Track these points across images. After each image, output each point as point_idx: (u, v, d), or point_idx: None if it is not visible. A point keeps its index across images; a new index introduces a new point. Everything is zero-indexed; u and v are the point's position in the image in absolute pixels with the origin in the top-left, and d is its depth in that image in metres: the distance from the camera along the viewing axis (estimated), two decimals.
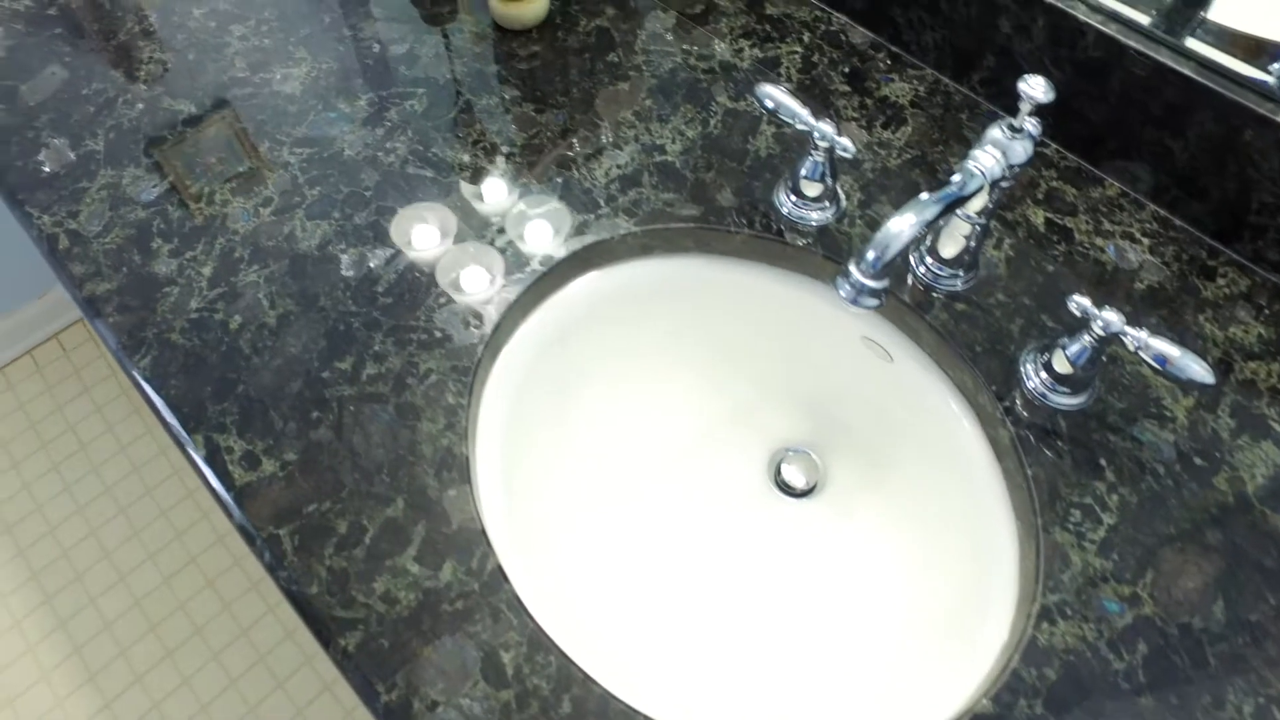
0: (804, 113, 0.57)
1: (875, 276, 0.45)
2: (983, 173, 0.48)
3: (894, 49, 0.71)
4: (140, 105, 0.68)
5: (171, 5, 0.75)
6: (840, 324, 0.61)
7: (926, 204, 0.46)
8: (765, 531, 0.62)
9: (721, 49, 0.70)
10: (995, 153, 0.49)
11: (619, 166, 0.63)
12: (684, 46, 0.70)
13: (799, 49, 0.71)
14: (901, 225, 0.45)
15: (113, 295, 0.58)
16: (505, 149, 0.64)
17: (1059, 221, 0.61)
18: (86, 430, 1.52)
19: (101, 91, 0.69)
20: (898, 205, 0.62)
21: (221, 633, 1.31)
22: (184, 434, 0.53)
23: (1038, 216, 0.62)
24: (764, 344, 0.65)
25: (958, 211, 0.54)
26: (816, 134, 0.56)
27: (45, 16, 0.74)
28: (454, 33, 0.72)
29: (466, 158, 0.64)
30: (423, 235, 0.59)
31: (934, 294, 0.58)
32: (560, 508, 0.59)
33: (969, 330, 0.57)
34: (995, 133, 0.50)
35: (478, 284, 0.57)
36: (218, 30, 0.73)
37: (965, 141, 0.65)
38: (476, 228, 0.60)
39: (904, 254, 0.53)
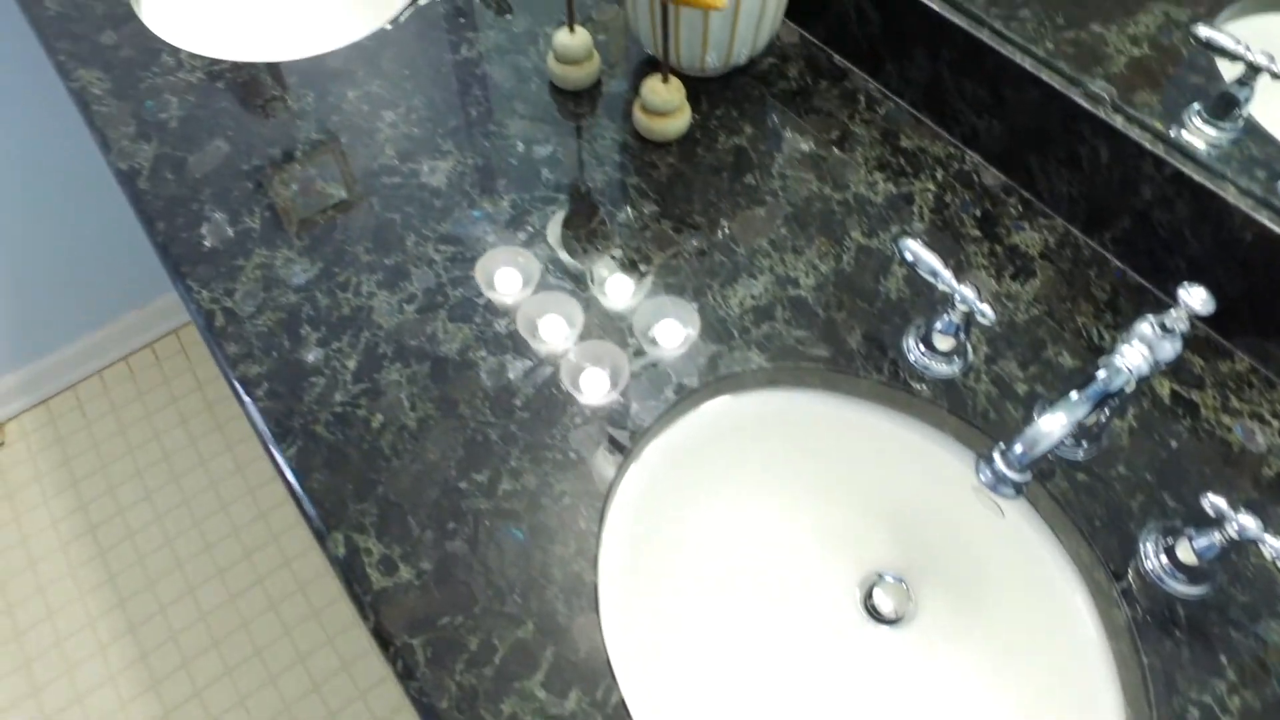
0: (946, 273, 0.58)
1: (1019, 470, 0.46)
2: (1130, 370, 0.49)
3: (1026, 194, 0.72)
4: (295, 185, 0.72)
5: (328, 86, 0.79)
6: (954, 469, 0.62)
7: (1076, 404, 0.46)
8: (857, 658, 0.63)
9: (856, 180, 0.72)
10: (1143, 349, 0.50)
11: (753, 297, 0.65)
12: (820, 173, 0.72)
13: (932, 186, 0.72)
14: (1052, 425, 0.46)
15: (263, 379, 0.61)
16: (643, 267, 0.66)
17: (1185, 394, 0.62)
18: (170, 440, 1.58)
19: (260, 169, 0.73)
20: (1023, 362, 0.63)
21: (280, 657, 1.34)
22: (324, 530, 0.55)
23: (1163, 387, 0.62)
24: (878, 478, 0.66)
25: None
26: (958, 297, 0.58)
27: (214, 89, 0.79)
28: (596, 138, 0.74)
29: (605, 272, 0.66)
30: (560, 348, 0.62)
31: (1055, 462, 0.58)
32: (672, 632, 0.60)
33: (1088, 502, 0.57)
34: (1144, 328, 0.50)
35: (613, 404, 0.59)
36: (370, 115, 0.76)
37: (1092, 300, 0.66)
38: (615, 342, 0.62)
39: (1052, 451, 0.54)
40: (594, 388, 0.60)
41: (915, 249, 0.59)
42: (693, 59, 0.74)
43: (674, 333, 0.63)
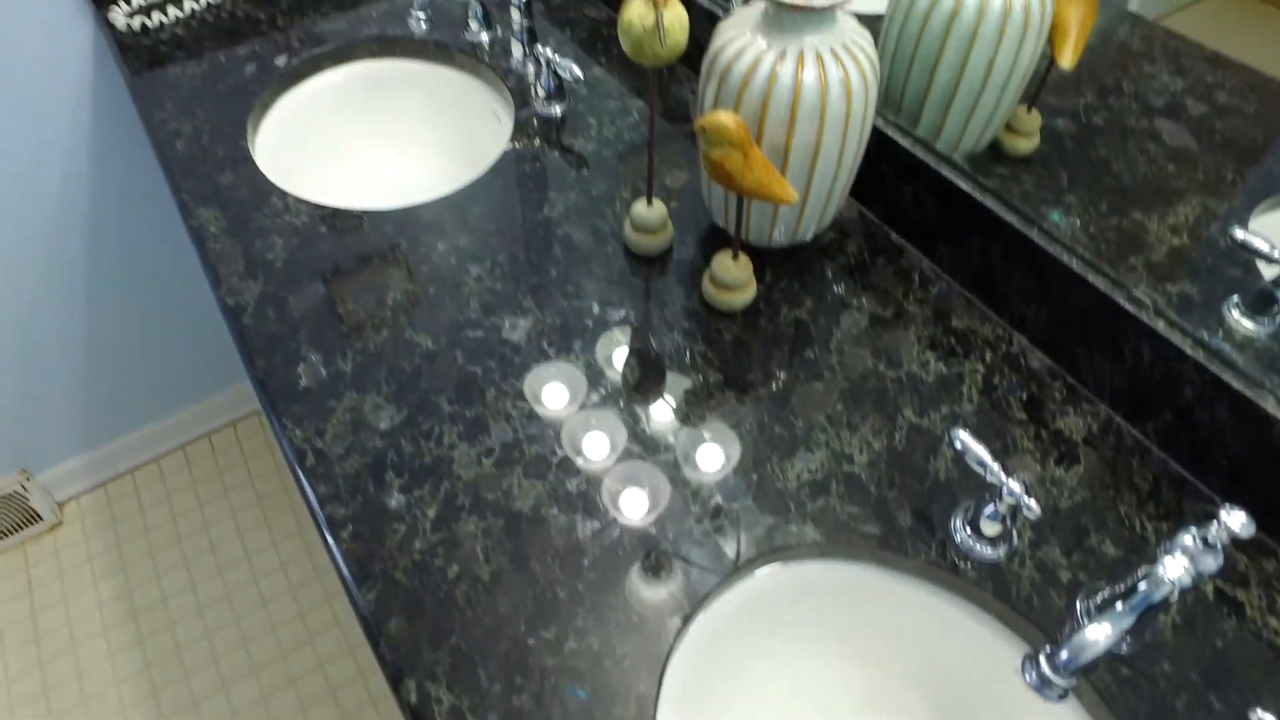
0: (994, 465, 0.61)
1: (1065, 676, 0.49)
2: (1172, 582, 0.52)
3: (1071, 380, 0.76)
4: (385, 332, 0.78)
5: (420, 236, 0.85)
6: (999, 652, 0.64)
7: (1122, 615, 0.49)
8: None
9: (909, 358, 0.76)
10: (1185, 561, 0.52)
11: (810, 470, 0.68)
12: (875, 350, 0.77)
13: (981, 368, 0.76)
14: (1098, 635, 0.48)
15: (348, 521, 0.66)
16: (707, 434, 0.71)
17: (1229, 593, 0.64)
18: (219, 532, 1.62)
19: (354, 313, 0.79)
20: (1066, 549, 0.65)
21: None
22: (399, 677, 0.58)
23: (1207, 584, 0.64)
24: (925, 652, 0.68)
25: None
26: (1005, 489, 0.61)
27: (317, 233, 0.86)
28: (667, 304, 0.80)
29: (671, 439, 0.70)
30: (630, 511, 0.66)
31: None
32: None
33: (1132, 698, 0.59)
34: (1186, 540, 0.53)
35: (675, 569, 0.62)
36: (457, 268, 0.83)
37: (1135, 490, 0.69)
38: (677, 514, 0.66)
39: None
40: (657, 552, 0.64)
41: (965, 439, 0.63)
42: (761, 235, 0.80)
43: (735, 503, 0.66)
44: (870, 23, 0.85)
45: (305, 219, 0.88)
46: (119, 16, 1.14)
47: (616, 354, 0.76)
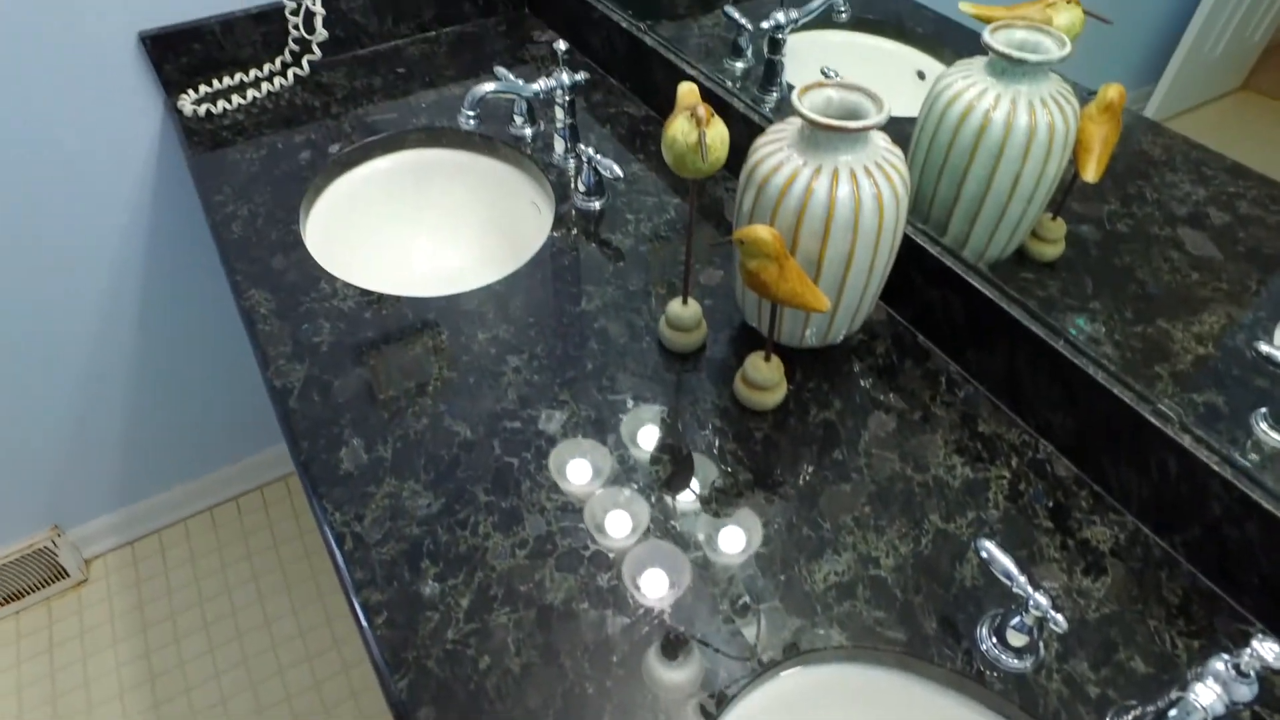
0: (1021, 578, 0.62)
1: None
2: (1204, 709, 0.52)
3: (1097, 488, 0.76)
4: (425, 420, 0.80)
5: (461, 325, 0.89)
6: None
7: None
8: None
9: (935, 462, 0.78)
10: (1217, 688, 0.53)
11: (837, 573, 0.69)
12: (902, 453, 0.78)
13: (1007, 474, 0.77)
14: None
15: (383, 608, 0.67)
16: (736, 531, 0.72)
17: (1265, 718, 0.63)
18: (240, 596, 1.63)
19: (395, 400, 0.82)
20: (1094, 664, 0.65)
21: None
22: None
23: (1243, 712, 0.64)
24: None
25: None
26: (1031, 602, 0.62)
27: (362, 319, 0.89)
28: (699, 400, 0.82)
29: (701, 536, 0.72)
30: (655, 607, 0.67)
31: None
32: None
33: None
34: (1218, 667, 0.53)
35: (701, 668, 0.63)
36: (496, 358, 0.85)
37: (1164, 604, 0.69)
38: (705, 613, 0.67)
39: None
40: (684, 650, 0.64)
41: (991, 549, 0.64)
42: (793, 336, 0.83)
43: (763, 604, 0.67)
44: (901, 125, 0.89)
45: (351, 304, 0.91)
46: (186, 103, 1.20)
47: (650, 450, 0.78)
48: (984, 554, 0.64)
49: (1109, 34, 0.75)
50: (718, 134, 0.67)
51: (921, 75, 0.94)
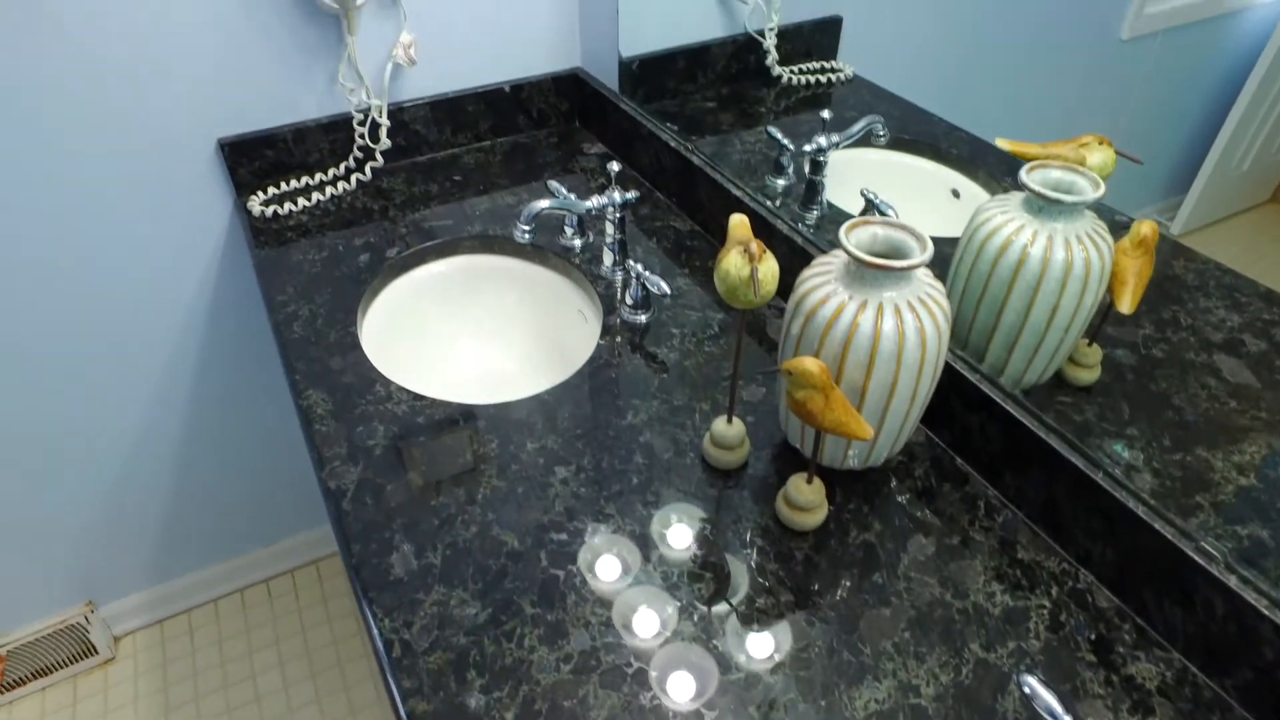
0: (1066, 718, 0.62)
1: None
2: None
3: (1140, 622, 0.76)
4: (474, 528, 0.82)
5: (511, 434, 0.91)
6: None
7: None
8: None
9: (975, 589, 0.78)
10: None
11: (877, 701, 0.70)
12: (941, 579, 0.79)
13: (1047, 603, 0.77)
14: None
15: (429, 718, 0.68)
16: (777, 657, 0.73)
17: None
18: (266, 682, 1.63)
19: (446, 506, 0.84)
20: None
21: None
22: None
23: None
24: None
25: None
26: None
27: (415, 423, 0.93)
28: (741, 519, 0.83)
29: (743, 657, 0.72)
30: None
31: None
32: None
33: None
34: None
35: None
36: (544, 469, 0.88)
37: None
38: None
39: None
40: None
41: (1034, 685, 0.64)
42: (835, 459, 0.85)
43: None
44: (940, 245, 0.92)
45: (405, 408, 0.95)
46: (255, 204, 1.27)
47: (693, 568, 0.79)
48: (1026, 689, 0.64)
49: (1139, 148, 0.78)
50: (769, 270, 0.71)
51: (956, 194, 0.98)
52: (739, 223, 0.75)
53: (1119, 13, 0.75)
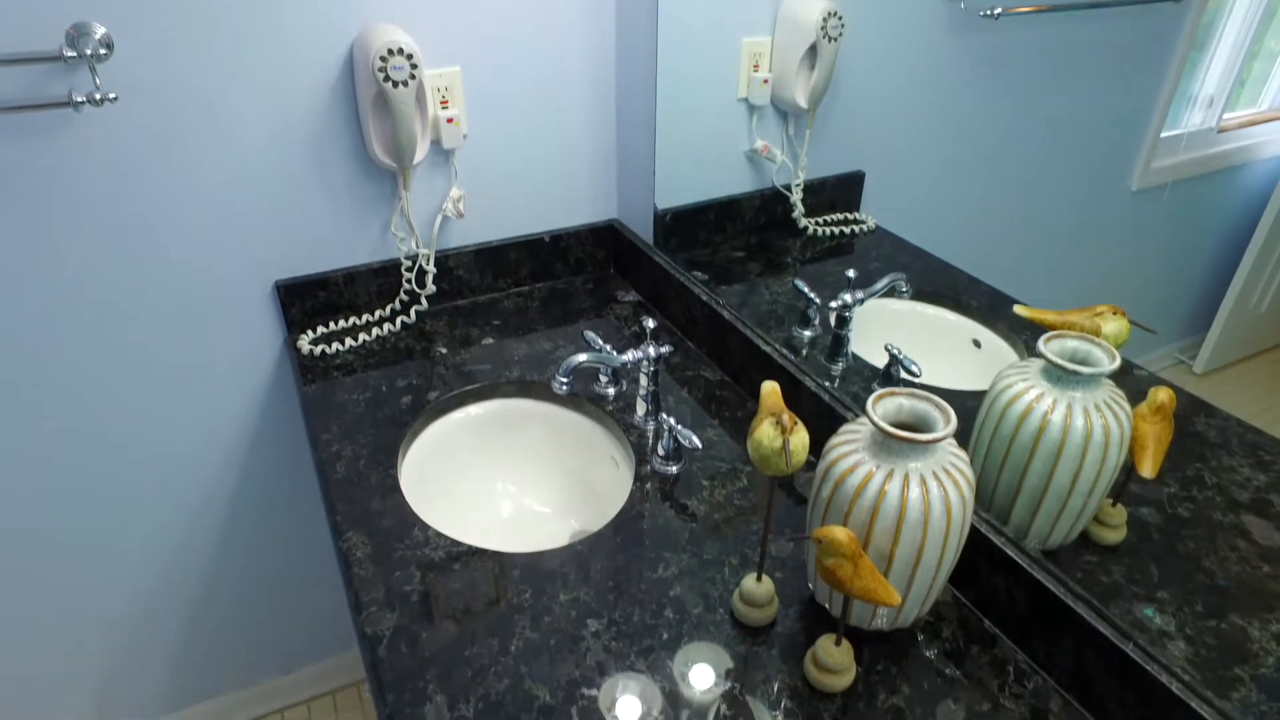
0: None
1: None
2: None
3: None
4: (507, 680, 0.83)
5: (544, 584, 0.93)
6: None
7: None
8: None
9: None
10: None
11: None
12: None
13: None
14: None
15: None
16: None
17: None
18: None
19: (479, 656, 0.86)
20: None
21: None
22: None
23: None
24: None
25: None
26: None
27: (451, 570, 0.95)
28: (771, 677, 0.84)
29: None
30: None
31: None
32: None
33: None
34: None
35: None
36: (577, 621, 0.89)
37: None
38: None
39: None
40: None
41: None
42: (863, 619, 0.86)
43: None
44: (963, 399, 0.94)
45: (442, 554, 0.97)
46: (304, 343, 1.34)
47: None
48: None
49: (1157, 288, 0.80)
50: (800, 441, 0.74)
51: (978, 344, 1.02)
52: (770, 390, 0.79)
53: (1128, 167, 0.79)
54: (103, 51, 1.08)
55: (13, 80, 1.07)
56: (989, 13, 0.88)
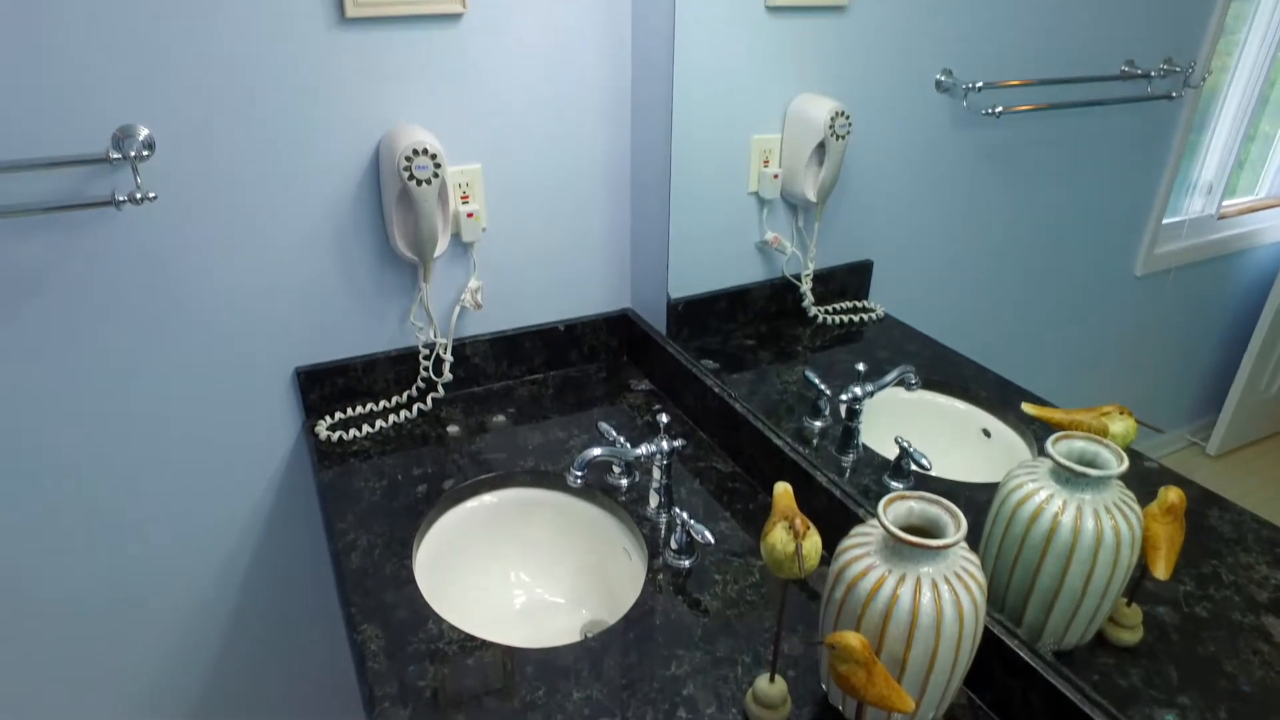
0: None
1: None
2: None
3: None
4: None
5: (558, 682, 0.93)
6: None
7: None
8: None
9: None
10: None
11: None
12: None
13: None
14: None
15: None
16: None
17: None
18: None
19: None
20: None
21: None
22: None
23: None
24: None
25: None
26: None
27: (465, 665, 0.95)
28: None
29: None
30: None
31: None
32: None
33: None
34: None
35: None
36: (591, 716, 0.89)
37: None
38: None
39: None
40: None
41: None
42: None
43: None
44: (974, 492, 0.94)
45: (456, 648, 0.98)
46: (322, 429, 1.36)
47: None
48: None
49: (1165, 371, 0.80)
50: (813, 545, 0.75)
51: (987, 433, 1.03)
52: (783, 493, 0.80)
53: (1131, 253, 0.81)
54: (145, 153, 1.13)
55: (59, 179, 1.12)
56: (990, 111, 0.92)
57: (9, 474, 1.26)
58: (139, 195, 1.12)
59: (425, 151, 1.21)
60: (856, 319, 1.17)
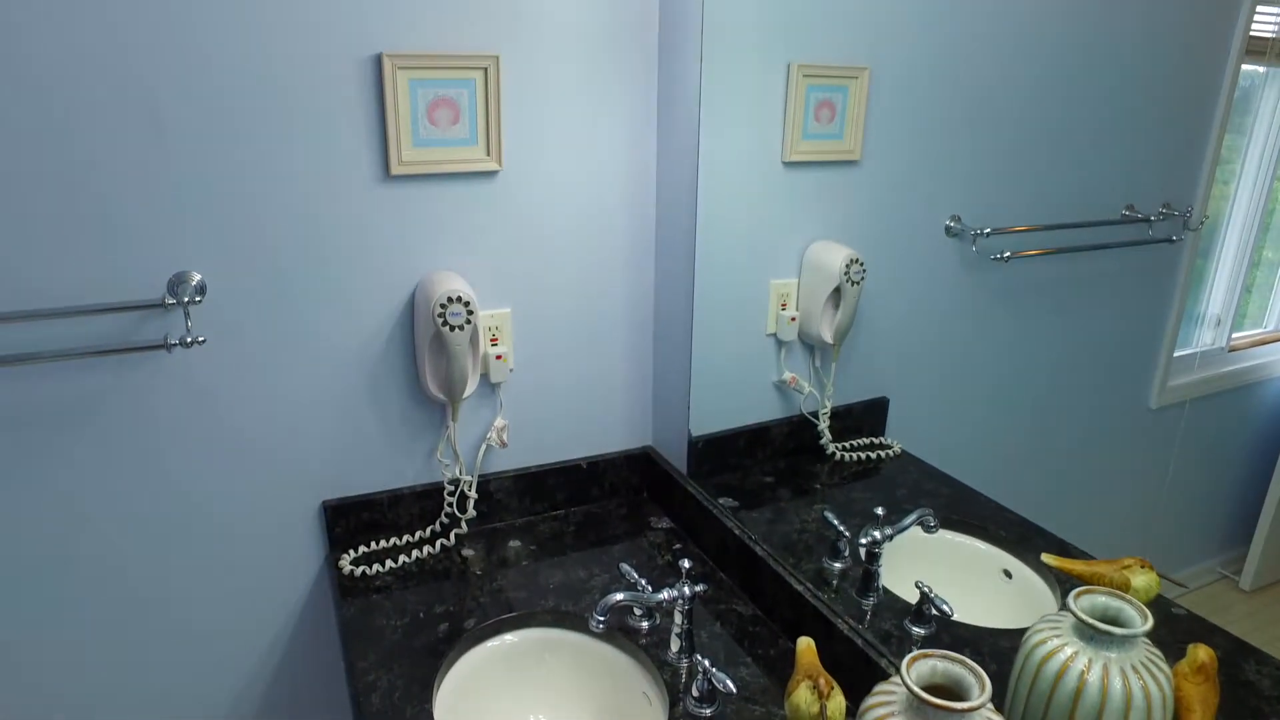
0: None
1: None
2: None
3: None
4: None
5: None
6: None
7: None
8: None
9: None
10: None
11: None
12: None
13: None
14: None
15: None
16: None
17: None
18: None
19: None
20: None
21: None
22: None
23: None
24: None
25: None
26: None
27: None
28: None
29: None
30: None
31: None
32: None
33: None
34: None
35: None
36: None
37: None
38: None
39: None
40: None
41: None
42: None
43: None
44: (996, 639, 0.92)
45: None
46: (345, 562, 1.37)
47: None
48: None
49: (1188, 503, 0.79)
50: (837, 706, 0.75)
51: (1008, 574, 1.02)
52: (806, 648, 0.81)
53: (1145, 387, 0.82)
54: (197, 299, 1.20)
55: (113, 322, 1.19)
56: (999, 256, 0.96)
57: (52, 582, 1.28)
58: (189, 339, 1.17)
59: (459, 299, 1.27)
60: (874, 455, 1.18)
